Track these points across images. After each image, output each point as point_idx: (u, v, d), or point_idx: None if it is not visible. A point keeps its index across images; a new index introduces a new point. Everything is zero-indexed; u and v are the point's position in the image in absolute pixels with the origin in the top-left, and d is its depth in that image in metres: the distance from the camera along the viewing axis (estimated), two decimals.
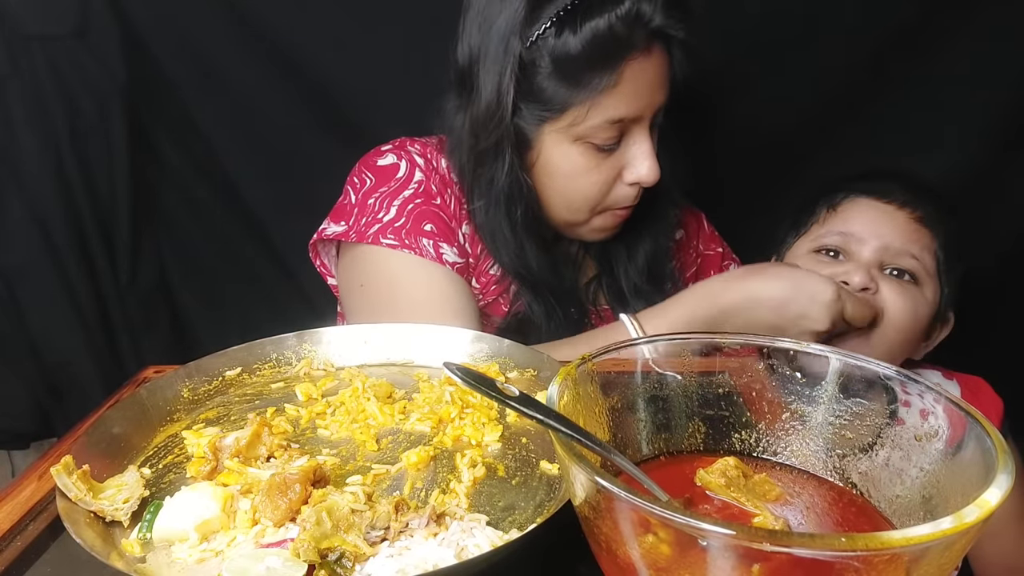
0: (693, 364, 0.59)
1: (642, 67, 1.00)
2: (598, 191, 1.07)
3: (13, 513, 0.63)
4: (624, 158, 1.06)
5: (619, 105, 1.01)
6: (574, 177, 1.06)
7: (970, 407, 0.47)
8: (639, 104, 1.02)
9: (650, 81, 1.02)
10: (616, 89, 1.00)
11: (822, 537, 0.37)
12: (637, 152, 1.05)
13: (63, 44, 1.28)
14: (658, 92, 1.04)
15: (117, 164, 1.34)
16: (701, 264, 1.30)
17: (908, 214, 1.09)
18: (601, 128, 1.02)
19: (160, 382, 0.79)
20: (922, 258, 1.08)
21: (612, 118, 1.01)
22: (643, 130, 1.04)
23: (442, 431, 0.76)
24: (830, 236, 1.11)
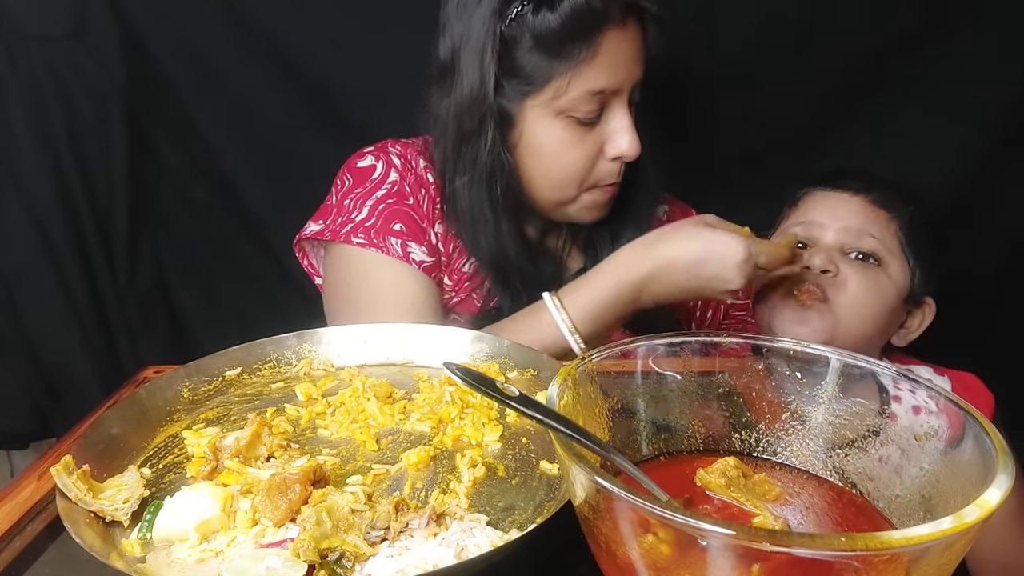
0: (693, 364, 0.59)
1: (619, 39, 1.03)
2: (582, 167, 1.08)
3: (12, 513, 0.63)
4: (605, 132, 1.07)
5: (598, 76, 1.03)
6: (557, 153, 1.08)
7: (970, 407, 0.47)
8: (617, 76, 1.04)
9: (627, 53, 1.04)
10: (595, 60, 1.02)
11: (822, 537, 0.37)
12: (617, 126, 1.06)
13: (61, 44, 1.28)
14: (635, 65, 1.06)
15: (115, 164, 1.34)
16: None
17: (863, 199, 1.15)
18: (582, 100, 1.04)
19: (160, 382, 0.79)
20: (883, 238, 1.13)
21: (592, 89, 1.03)
22: (622, 104, 1.06)
23: (442, 431, 0.76)
24: (793, 227, 1.17)
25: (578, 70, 1.03)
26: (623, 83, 1.05)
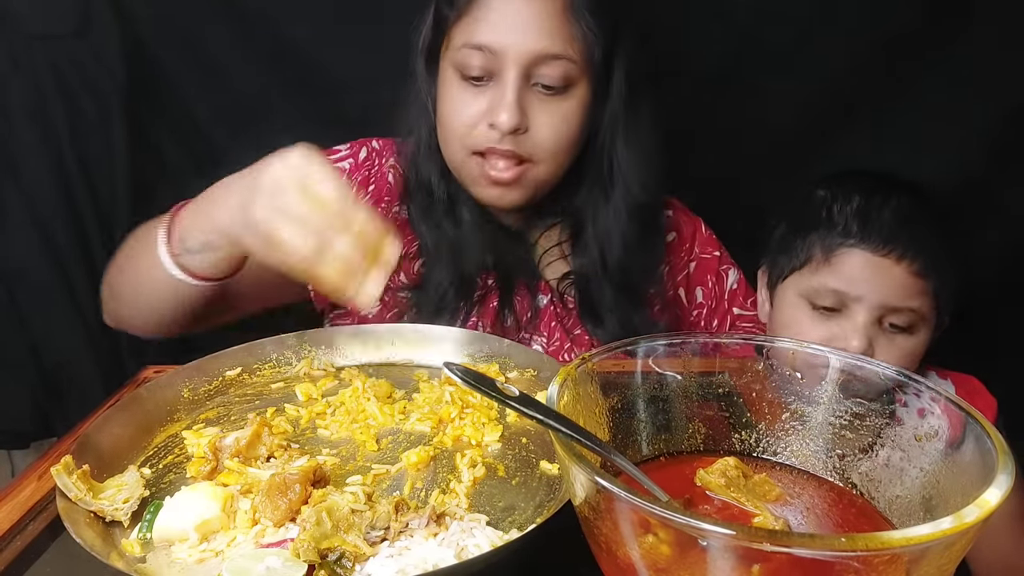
0: (693, 364, 0.59)
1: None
2: (462, 123, 1.05)
3: (13, 513, 0.63)
4: (491, 101, 1.03)
5: (476, 29, 1.00)
6: (447, 108, 1.06)
7: (970, 407, 0.47)
8: (500, 35, 0.99)
9: (518, 13, 0.99)
10: (475, 11, 1.00)
11: (822, 537, 0.37)
12: (499, 97, 1.01)
13: (64, 43, 1.28)
14: (530, 33, 0.99)
15: (117, 163, 1.34)
16: (695, 268, 1.25)
17: (906, 268, 1.02)
18: (467, 54, 1.01)
19: (160, 382, 0.79)
20: (920, 307, 1.03)
21: (469, 42, 1.01)
22: (512, 76, 1.00)
23: (442, 431, 0.76)
24: (824, 292, 1.05)
25: (463, 18, 1.01)
26: (508, 46, 0.99)
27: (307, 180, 0.75)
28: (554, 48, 1.00)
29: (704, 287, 1.24)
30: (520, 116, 1.01)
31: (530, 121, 1.03)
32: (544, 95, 1.03)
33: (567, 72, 1.02)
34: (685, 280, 1.24)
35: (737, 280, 1.24)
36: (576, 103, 1.05)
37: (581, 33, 1.02)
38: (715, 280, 1.23)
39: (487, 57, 1.00)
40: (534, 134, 1.04)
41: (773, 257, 1.14)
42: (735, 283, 1.24)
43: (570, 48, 1.01)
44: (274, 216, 0.74)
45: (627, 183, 1.12)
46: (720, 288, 1.24)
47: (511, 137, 1.02)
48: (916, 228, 1.03)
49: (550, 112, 1.04)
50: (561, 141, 1.05)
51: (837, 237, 1.05)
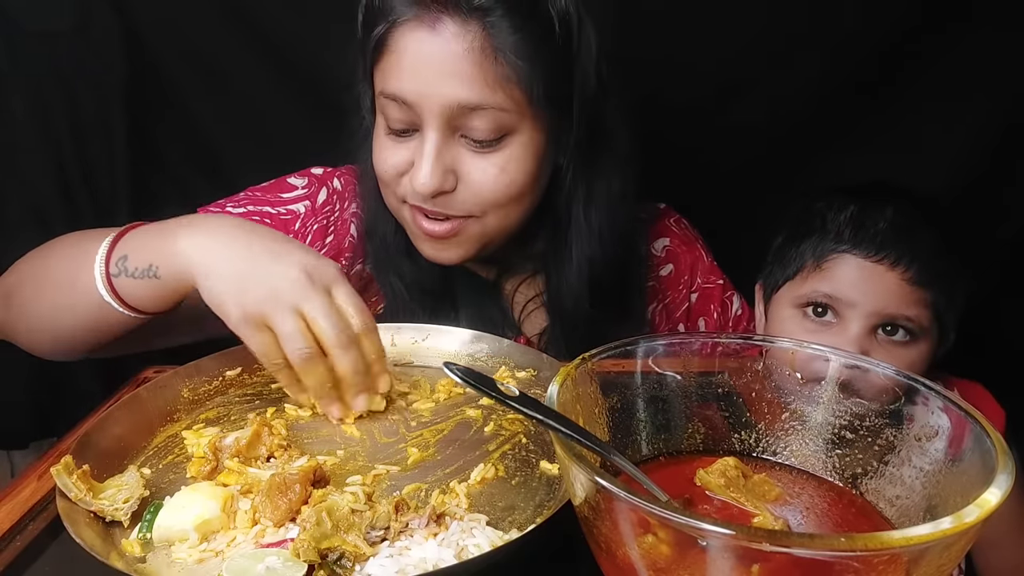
0: (693, 364, 0.59)
1: (418, 40, 0.87)
2: (388, 174, 0.95)
3: (13, 513, 0.63)
4: (414, 155, 0.92)
5: (390, 76, 0.89)
6: (375, 151, 0.97)
7: (970, 407, 0.47)
8: (415, 84, 0.87)
9: (431, 59, 0.86)
10: (387, 59, 0.90)
11: (821, 537, 0.37)
12: (417, 156, 0.91)
13: (63, 41, 1.28)
14: (447, 81, 0.86)
15: (117, 161, 1.34)
16: (697, 299, 1.19)
17: (900, 275, 0.99)
18: (385, 104, 0.92)
19: (160, 382, 0.79)
20: (918, 317, 1.00)
21: (384, 91, 0.91)
22: (431, 132, 0.89)
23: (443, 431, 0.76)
24: (816, 299, 1.03)
25: (379, 61, 0.91)
26: (424, 97, 0.87)
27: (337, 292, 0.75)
28: (474, 98, 0.87)
29: (707, 317, 1.19)
30: (441, 178, 0.90)
31: (461, 177, 0.92)
32: (474, 148, 0.91)
33: (498, 122, 0.89)
34: (686, 314, 1.18)
35: (740, 306, 1.21)
36: (519, 150, 0.92)
37: (508, 75, 0.88)
38: (720, 310, 1.19)
39: (404, 109, 0.90)
40: (466, 191, 0.92)
41: (768, 269, 1.12)
42: (739, 309, 1.20)
43: (497, 94, 0.87)
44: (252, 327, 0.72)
45: (587, 235, 1.01)
46: (725, 317, 1.20)
47: (439, 198, 0.92)
48: (911, 235, 1.00)
49: (482, 168, 0.91)
50: (501, 193, 0.93)
51: (830, 244, 1.03)
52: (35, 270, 0.91)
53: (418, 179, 0.90)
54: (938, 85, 1.35)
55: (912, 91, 1.36)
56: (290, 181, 1.11)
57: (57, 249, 0.91)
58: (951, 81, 1.34)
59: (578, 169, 0.99)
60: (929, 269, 0.99)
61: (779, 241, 1.12)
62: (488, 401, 0.78)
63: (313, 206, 1.08)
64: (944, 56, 1.33)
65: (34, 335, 0.93)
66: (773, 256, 1.12)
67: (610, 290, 1.05)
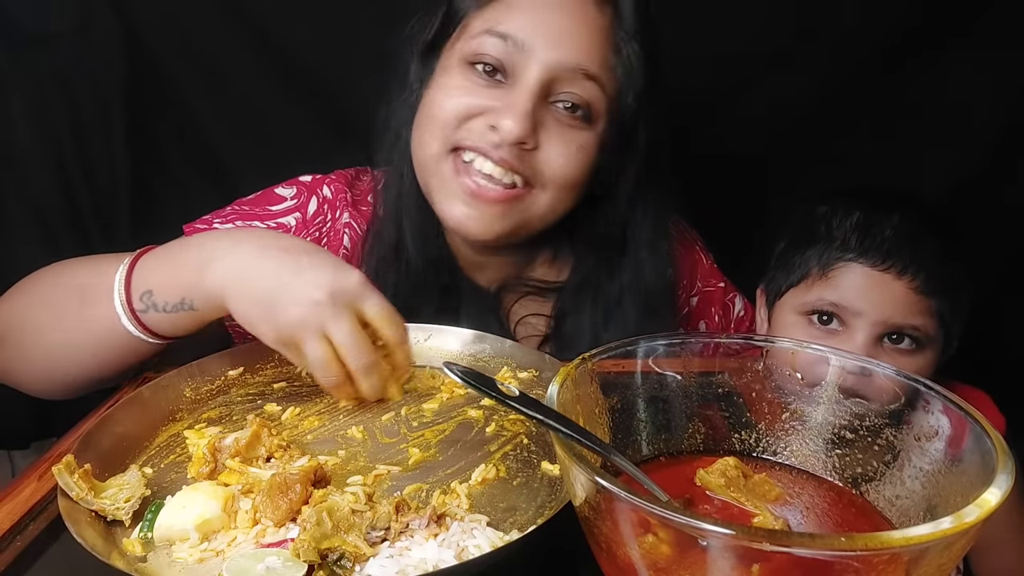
0: (693, 364, 0.59)
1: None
2: (454, 112, 0.91)
3: (13, 513, 0.63)
4: (501, 100, 0.89)
5: (503, 16, 0.89)
6: (443, 91, 0.93)
7: (970, 408, 0.48)
8: (527, 27, 0.88)
9: (557, 16, 0.88)
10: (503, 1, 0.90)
11: (822, 537, 0.37)
12: (510, 102, 0.88)
13: (63, 41, 1.28)
14: (566, 40, 0.87)
15: (117, 160, 1.34)
16: (697, 302, 1.18)
17: (907, 284, 0.98)
18: (484, 41, 0.89)
19: (162, 382, 0.79)
20: (924, 326, 0.99)
21: (495, 28, 0.89)
22: (533, 79, 0.88)
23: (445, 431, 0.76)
24: (821, 307, 1.02)
25: (488, 5, 0.91)
26: (537, 44, 0.87)
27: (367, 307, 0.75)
28: (592, 67, 0.89)
29: (708, 320, 1.17)
30: (530, 128, 0.88)
31: (541, 143, 0.90)
32: (564, 118, 0.91)
33: (595, 99, 0.90)
34: (686, 319, 1.17)
35: (743, 307, 1.19)
36: (594, 138, 0.93)
37: (618, 62, 0.91)
38: (721, 312, 1.18)
39: (508, 49, 0.88)
40: (542, 156, 0.91)
41: (771, 275, 1.11)
42: (741, 310, 1.19)
43: (606, 74, 0.90)
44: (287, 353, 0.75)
45: (641, 265, 1.01)
46: (727, 319, 1.19)
47: (512, 150, 0.89)
48: (919, 244, 0.99)
49: (566, 136, 0.91)
50: (572, 173, 0.92)
51: (835, 252, 1.02)
52: (31, 310, 0.87)
53: (505, 120, 0.87)
54: (938, 84, 1.35)
55: (912, 91, 1.36)
56: (278, 192, 1.08)
57: (50, 286, 0.88)
58: (951, 80, 1.34)
59: (639, 196, 0.99)
60: (936, 278, 0.98)
61: (782, 246, 1.10)
62: (490, 402, 0.78)
63: (304, 217, 1.06)
64: (944, 56, 1.33)
65: (35, 375, 0.89)
66: (776, 261, 1.10)
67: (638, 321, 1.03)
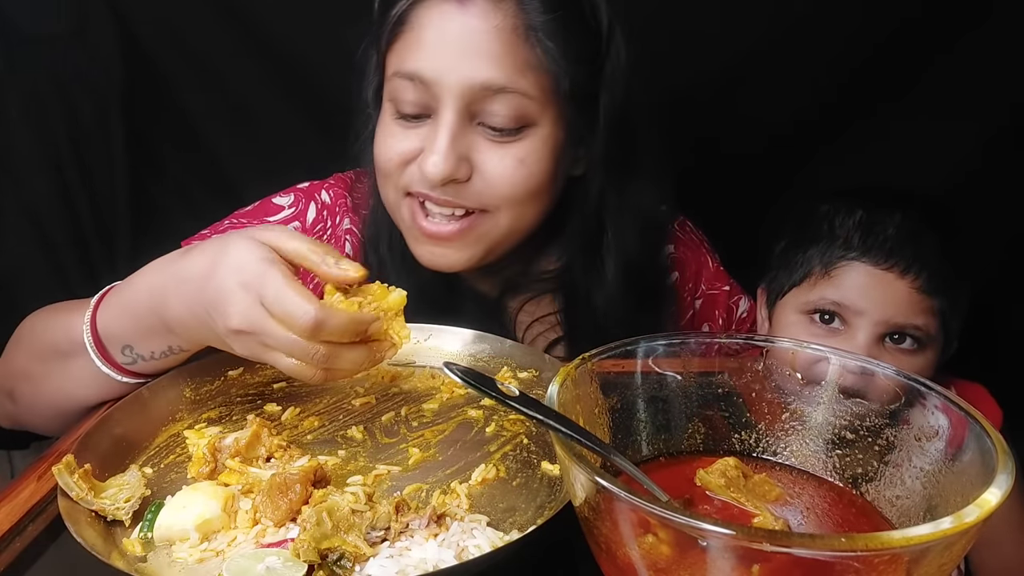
0: (693, 364, 0.59)
1: (443, 13, 0.83)
2: (392, 161, 0.89)
3: (13, 513, 0.63)
4: (426, 141, 0.86)
5: (407, 56, 0.85)
6: (378, 141, 0.92)
7: (970, 408, 0.48)
8: (435, 62, 0.83)
9: (456, 36, 0.82)
10: (407, 33, 0.86)
11: (822, 537, 0.37)
12: (431, 139, 0.85)
13: (60, 44, 1.28)
14: (470, 60, 0.82)
15: (115, 164, 1.34)
16: (702, 305, 1.16)
17: (910, 283, 0.97)
18: (398, 85, 0.86)
19: (162, 381, 0.79)
20: (926, 326, 0.98)
21: (400, 70, 0.86)
22: (449, 114, 0.84)
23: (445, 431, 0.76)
24: (823, 306, 1.01)
25: (396, 42, 0.87)
26: (443, 76, 0.83)
27: (273, 301, 0.66)
28: (500, 79, 0.83)
29: (712, 323, 1.16)
30: (454, 164, 0.84)
31: (476, 167, 0.87)
32: (492, 137, 0.86)
33: (520, 109, 0.85)
34: (691, 321, 1.16)
35: (747, 308, 1.18)
36: (538, 144, 0.88)
37: (537, 60, 0.84)
38: (725, 315, 1.17)
39: (420, 90, 0.85)
40: (479, 182, 0.87)
41: (773, 274, 1.10)
42: (744, 312, 1.18)
43: (523, 79, 0.84)
44: (261, 352, 0.69)
45: (624, 248, 0.97)
46: (729, 321, 1.18)
47: (450, 187, 0.86)
48: (921, 243, 0.99)
49: (499, 157, 0.87)
50: (520, 186, 0.88)
51: (838, 250, 1.01)
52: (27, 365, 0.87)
53: (429, 163, 0.84)
54: (939, 84, 1.34)
55: (913, 89, 1.36)
56: (275, 201, 1.06)
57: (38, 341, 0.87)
58: (952, 79, 1.34)
59: (609, 177, 0.95)
60: (938, 277, 0.98)
61: (783, 245, 1.10)
62: (490, 402, 0.78)
63: (304, 226, 1.04)
64: (945, 55, 1.33)
65: (48, 422, 0.89)
66: (777, 260, 1.10)
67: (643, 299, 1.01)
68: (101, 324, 0.79)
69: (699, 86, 1.35)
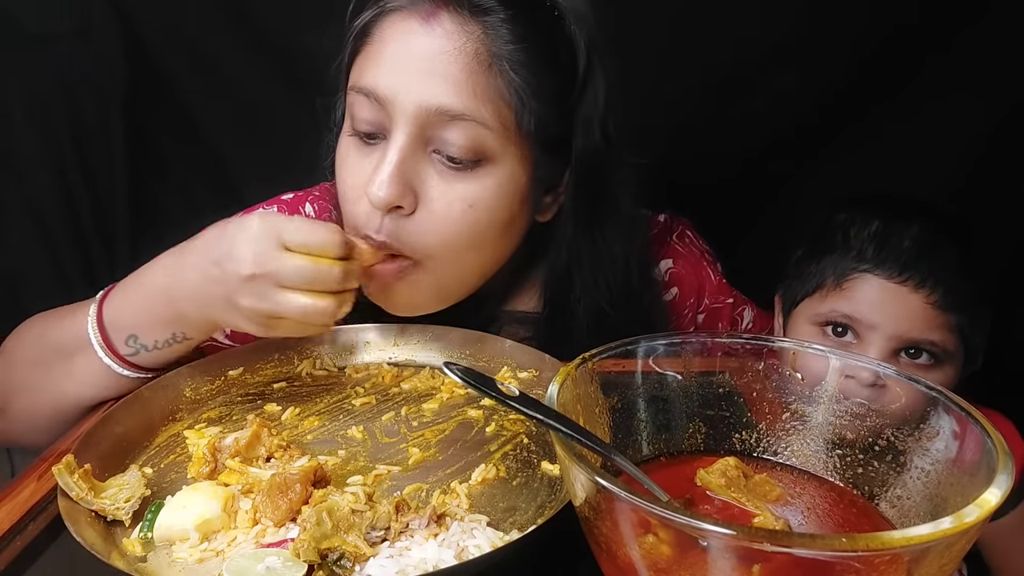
0: (693, 364, 0.59)
1: (406, 30, 0.79)
2: (348, 193, 0.84)
3: (13, 513, 0.63)
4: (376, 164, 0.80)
5: (367, 69, 0.81)
6: (338, 168, 0.87)
7: (970, 408, 0.48)
8: (391, 79, 0.78)
9: (415, 54, 0.78)
10: (369, 46, 0.82)
11: (822, 537, 0.37)
12: (379, 161, 0.79)
13: (64, 43, 1.28)
14: (428, 81, 0.77)
15: (117, 163, 1.34)
16: (704, 318, 1.14)
17: (925, 298, 0.94)
18: (355, 101, 0.82)
19: (162, 381, 0.79)
20: (943, 342, 0.95)
21: (357, 84, 0.81)
22: (400, 135, 0.78)
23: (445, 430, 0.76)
24: (835, 319, 0.98)
25: (355, 57, 0.84)
26: (397, 94, 0.78)
27: (295, 232, 0.71)
28: (456, 105, 0.77)
29: None
30: (399, 189, 0.78)
31: (422, 200, 0.80)
32: (446, 168, 0.80)
33: (477, 140, 0.78)
34: None
35: (752, 318, 1.16)
36: (492, 185, 0.81)
37: (498, 91, 0.78)
38: (728, 327, 1.15)
39: (375, 107, 0.80)
40: (425, 218, 0.80)
41: (788, 283, 1.08)
42: (750, 322, 1.16)
43: (482, 108, 0.78)
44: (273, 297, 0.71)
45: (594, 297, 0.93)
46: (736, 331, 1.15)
47: (389, 219, 0.80)
48: (938, 257, 0.95)
49: (449, 193, 0.80)
50: (463, 232, 0.81)
51: (851, 262, 0.98)
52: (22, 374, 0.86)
53: (374, 185, 0.77)
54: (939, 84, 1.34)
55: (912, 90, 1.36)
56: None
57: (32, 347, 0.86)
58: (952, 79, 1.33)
59: (579, 226, 0.90)
60: (954, 293, 0.95)
61: (799, 254, 1.07)
62: (490, 401, 0.78)
63: None
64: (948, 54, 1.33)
65: (41, 434, 0.85)
66: (793, 270, 1.07)
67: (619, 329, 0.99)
68: (108, 314, 0.80)
69: (699, 85, 1.35)
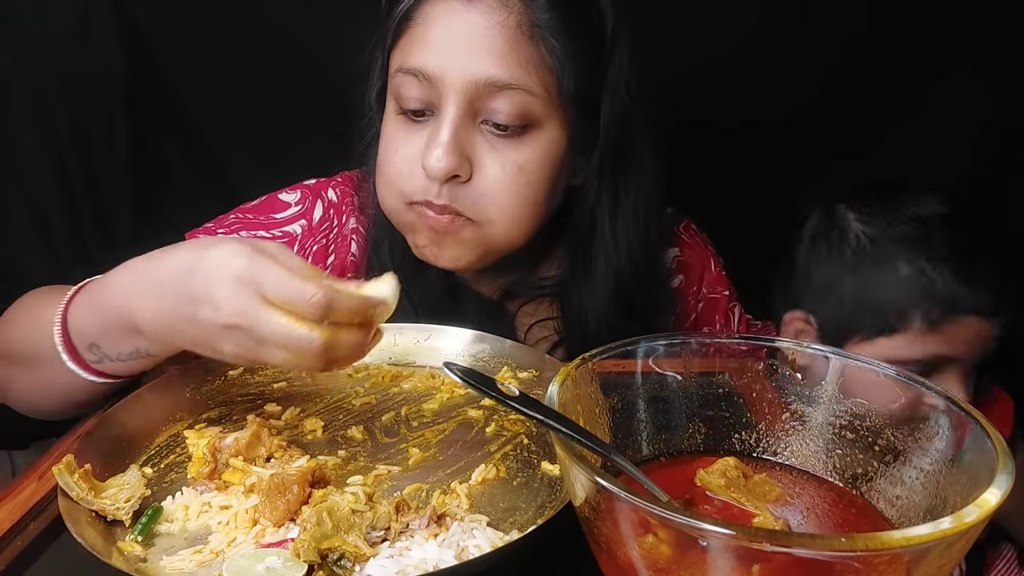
0: (693, 364, 0.59)
1: (450, 10, 0.83)
2: (396, 167, 0.89)
3: (13, 513, 0.63)
4: (428, 139, 0.85)
5: (411, 51, 0.85)
6: (382, 144, 0.92)
7: (970, 407, 0.48)
8: (439, 58, 0.83)
9: (461, 31, 0.83)
10: (412, 31, 0.86)
11: (822, 537, 0.37)
12: (433, 134, 0.84)
13: (64, 43, 1.28)
14: (475, 55, 0.82)
15: (118, 162, 1.34)
16: (703, 308, 1.16)
17: (995, 321, 0.99)
18: (401, 81, 0.86)
19: (162, 381, 0.79)
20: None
21: (404, 66, 0.86)
22: (451, 109, 0.83)
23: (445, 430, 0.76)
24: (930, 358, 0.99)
25: (401, 38, 0.87)
26: (446, 71, 0.83)
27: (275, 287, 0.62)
28: (504, 75, 0.82)
29: (712, 327, 1.16)
30: (456, 159, 0.84)
31: (476, 168, 0.86)
32: (496, 136, 0.86)
33: (524, 107, 0.84)
34: (693, 324, 1.16)
35: (741, 319, 1.18)
36: (539, 148, 0.87)
37: (541, 58, 0.84)
38: (723, 321, 1.17)
39: (424, 86, 0.84)
40: (477, 185, 0.86)
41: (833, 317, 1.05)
42: (738, 320, 1.18)
43: (528, 77, 0.84)
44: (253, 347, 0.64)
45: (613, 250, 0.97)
46: (728, 326, 1.17)
47: (448, 188, 0.85)
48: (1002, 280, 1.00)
49: (501, 159, 0.86)
50: (513, 197, 0.87)
51: (945, 304, 0.98)
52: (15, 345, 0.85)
53: (432, 157, 0.83)
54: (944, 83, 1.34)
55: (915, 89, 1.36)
56: (281, 197, 1.06)
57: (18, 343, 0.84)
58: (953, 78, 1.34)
59: (605, 182, 0.94)
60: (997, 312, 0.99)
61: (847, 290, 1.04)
62: (490, 401, 0.78)
63: (310, 224, 1.04)
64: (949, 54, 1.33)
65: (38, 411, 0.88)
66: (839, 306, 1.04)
67: (634, 307, 1.00)
68: (72, 320, 0.76)
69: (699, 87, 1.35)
